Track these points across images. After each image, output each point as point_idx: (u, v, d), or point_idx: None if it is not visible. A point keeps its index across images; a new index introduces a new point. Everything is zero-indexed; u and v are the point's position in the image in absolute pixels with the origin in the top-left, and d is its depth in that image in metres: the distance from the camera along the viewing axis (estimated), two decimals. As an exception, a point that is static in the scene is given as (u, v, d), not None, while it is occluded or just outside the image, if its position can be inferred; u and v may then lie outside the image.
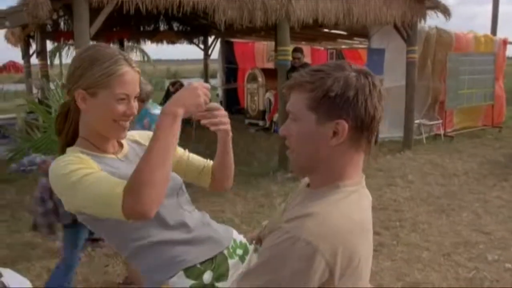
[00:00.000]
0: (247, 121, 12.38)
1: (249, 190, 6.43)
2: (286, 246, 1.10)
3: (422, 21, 8.80)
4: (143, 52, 23.09)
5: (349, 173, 1.25)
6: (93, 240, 4.62)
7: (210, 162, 1.76)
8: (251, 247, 1.59)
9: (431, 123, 10.08)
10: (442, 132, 10.12)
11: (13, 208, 5.81)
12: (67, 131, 1.53)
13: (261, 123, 11.82)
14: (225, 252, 1.51)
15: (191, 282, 1.41)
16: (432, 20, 19.70)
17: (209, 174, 1.73)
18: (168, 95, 13.29)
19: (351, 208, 1.21)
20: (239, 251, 1.54)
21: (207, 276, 1.43)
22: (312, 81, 1.20)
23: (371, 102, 1.20)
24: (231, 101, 14.10)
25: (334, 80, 1.18)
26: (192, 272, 1.42)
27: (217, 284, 1.44)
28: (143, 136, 1.66)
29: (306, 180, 1.42)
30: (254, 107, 12.18)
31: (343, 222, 1.16)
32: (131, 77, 1.44)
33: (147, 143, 1.61)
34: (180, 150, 1.74)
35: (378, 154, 8.53)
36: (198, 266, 1.44)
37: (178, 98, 1.35)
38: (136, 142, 1.63)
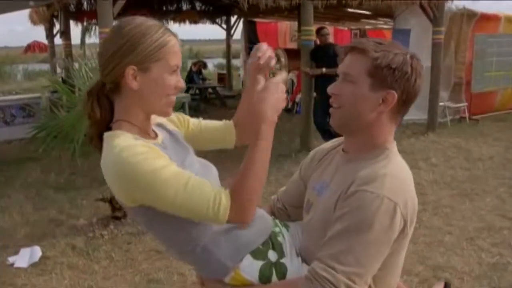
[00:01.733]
0: (269, 102, 12.28)
1: (271, 172, 6.41)
2: (376, 205, 1.25)
3: (449, 1, 8.61)
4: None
5: (390, 139, 1.42)
6: (116, 218, 4.69)
7: (227, 121, 1.71)
8: (276, 221, 1.60)
9: (456, 105, 9.89)
10: (467, 115, 9.94)
11: (38, 186, 5.94)
12: (103, 117, 1.37)
13: (283, 104, 11.71)
14: (273, 230, 1.51)
15: (260, 263, 1.40)
16: (459, 1, 19.25)
17: (232, 130, 1.69)
18: (190, 75, 13.31)
19: (405, 166, 1.41)
20: (276, 229, 1.53)
21: (272, 255, 1.43)
22: (378, 51, 1.33)
23: (420, 82, 1.36)
24: (253, 82, 14.02)
25: (395, 55, 1.33)
26: (258, 253, 1.41)
27: (281, 261, 1.43)
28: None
29: (322, 148, 1.64)
30: (277, 87, 12.07)
31: (407, 179, 1.37)
32: (178, 47, 1.36)
33: (168, 125, 1.54)
34: (193, 121, 1.67)
35: (402, 137, 8.44)
36: (260, 247, 1.43)
37: (275, 105, 1.33)
38: (158, 124, 1.52)
